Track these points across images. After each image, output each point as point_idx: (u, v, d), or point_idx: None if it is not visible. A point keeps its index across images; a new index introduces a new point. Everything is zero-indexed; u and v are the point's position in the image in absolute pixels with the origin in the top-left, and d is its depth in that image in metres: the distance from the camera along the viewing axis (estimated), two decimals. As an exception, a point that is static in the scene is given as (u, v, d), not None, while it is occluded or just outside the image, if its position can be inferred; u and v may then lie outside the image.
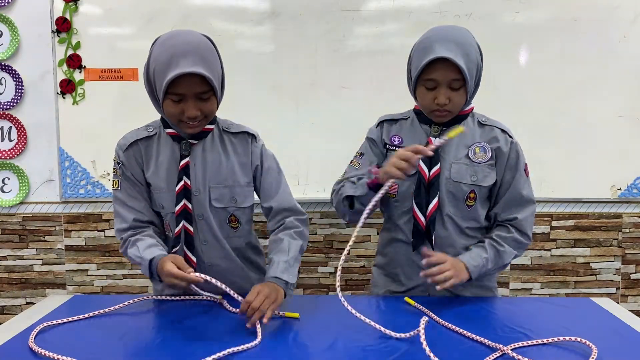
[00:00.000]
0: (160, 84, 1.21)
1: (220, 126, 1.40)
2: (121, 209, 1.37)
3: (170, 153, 1.35)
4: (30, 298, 2.35)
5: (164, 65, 1.20)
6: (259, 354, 1.05)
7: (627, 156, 2.25)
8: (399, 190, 1.44)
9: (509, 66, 2.20)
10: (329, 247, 2.34)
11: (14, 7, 2.18)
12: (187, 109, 1.24)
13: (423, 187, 1.39)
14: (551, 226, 2.32)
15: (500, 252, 1.40)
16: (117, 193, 1.38)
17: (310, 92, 2.22)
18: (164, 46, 1.22)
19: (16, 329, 1.17)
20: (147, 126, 1.39)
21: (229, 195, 1.37)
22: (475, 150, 1.41)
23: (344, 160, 1.57)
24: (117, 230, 1.38)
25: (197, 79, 1.20)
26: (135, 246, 1.31)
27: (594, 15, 2.18)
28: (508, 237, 1.42)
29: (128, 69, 2.20)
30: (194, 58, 1.19)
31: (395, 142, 1.47)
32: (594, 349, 1.04)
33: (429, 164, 1.39)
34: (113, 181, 1.39)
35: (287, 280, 1.27)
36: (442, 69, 1.30)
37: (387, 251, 1.52)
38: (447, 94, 1.32)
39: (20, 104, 2.22)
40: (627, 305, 2.34)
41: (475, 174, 1.40)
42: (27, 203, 2.29)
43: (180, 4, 2.17)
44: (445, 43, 1.28)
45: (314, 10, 2.18)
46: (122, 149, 1.37)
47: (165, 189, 1.35)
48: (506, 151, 1.42)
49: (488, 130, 1.44)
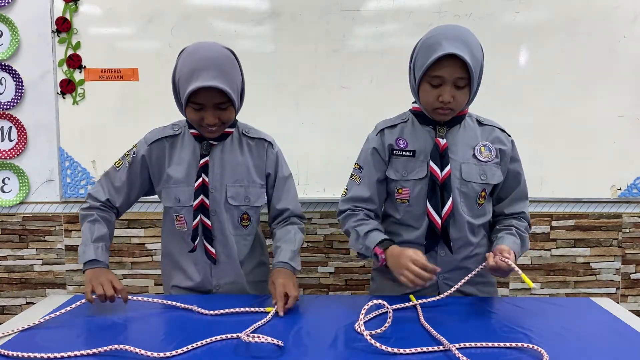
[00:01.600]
0: (183, 93, 1.34)
1: (240, 130, 1.51)
2: (107, 184, 1.49)
3: (192, 151, 1.46)
4: (30, 298, 2.35)
5: (186, 76, 1.32)
6: (259, 354, 1.05)
7: (627, 156, 2.25)
8: (411, 195, 1.44)
9: (509, 66, 2.20)
10: (329, 247, 2.34)
11: (14, 7, 2.18)
12: (206, 117, 1.36)
13: (437, 189, 1.39)
14: (551, 226, 2.32)
15: (524, 239, 1.46)
16: (113, 171, 1.49)
17: (310, 92, 2.22)
18: (188, 59, 1.34)
19: (16, 329, 1.17)
20: (174, 125, 1.50)
21: (243, 194, 1.47)
22: (481, 149, 1.43)
23: (344, 160, 1.57)
24: (91, 195, 1.49)
25: (216, 91, 1.31)
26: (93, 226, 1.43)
27: (594, 15, 2.18)
28: (522, 227, 1.47)
29: (128, 69, 2.20)
30: (214, 72, 1.30)
31: (401, 146, 1.45)
32: (545, 355, 1.02)
33: (440, 165, 1.40)
34: (118, 161, 1.49)
35: (294, 267, 1.42)
36: (449, 66, 1.30)
37: None
38: (451, 92, 1.33)
39: (20, 104, 2.22)
40: (627, 305, 2.34)
41: (484, 172, 1.42)
42: (27, 203, 2.29)
43: (180, 4, 2.17)
44: (452, 41, 1.29)
45: (314, 10, 2.18)
46: (148, 142, 1.47)
47: (184, 184, 1.45)
48: (508, 150, 1.46)
49: (489, 130, 1.47)
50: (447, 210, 1.39)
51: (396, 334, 1.14)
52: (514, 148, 1.48)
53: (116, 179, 1.48)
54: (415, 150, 1.44)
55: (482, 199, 1.44)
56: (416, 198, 1.43)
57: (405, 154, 1.44)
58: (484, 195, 1.44)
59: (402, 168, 1.44)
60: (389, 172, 1.47)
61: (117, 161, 1.49)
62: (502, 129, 1.48)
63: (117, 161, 1.49)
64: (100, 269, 1.38)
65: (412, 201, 1.44)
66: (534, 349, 1.05)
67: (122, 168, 1.47)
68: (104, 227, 1.45)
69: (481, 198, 1.44)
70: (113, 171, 1.49)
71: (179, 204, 1.46)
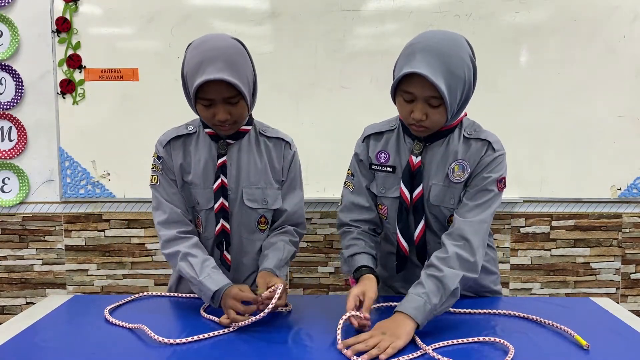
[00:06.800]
0: (191, 88, 1.25)
1: (257, 128, 1.43)
2: (161, 203, 1.37)
3: (207, 151, 1.37)
4: (30, 298, 2.35)
5: (193, 70, 1.23)
6: (259, 354, 1.06)
7: (627, 156, 2.25)
8: (388, 214, 1.37)
9: (509, 66, 2.20)
10: (329, 247, 2.34)
11: (14, 7, 2.18)
12: (217, 113, 1.27)
13: (405, 212, 1.30)
14: (551, 226, 2.32)
15: (441, 280, 1.16)
16: (156, 188, 1.38)
17: (310, 92, 2.22)
18: (195, 51, 1.25)
19: (16, 329, 1.16)
20: (188, 124, 1.41)
21: (260, 196, 1.40)
22: (454, 168, 1.28)
23: (344, 160, 1.56)
24: (159, 223, 1.37)
25: (224, 85, 1.22)
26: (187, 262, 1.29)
27: (594, 15, 2.18)
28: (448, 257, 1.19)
29: (128, 69, 2.20)
30: (221, 64, 1.21)
31: (381, 161, 1.36)
32: (510, 348, 1.04)
33: (410, 186, 1.29)
34: (152, 177, 1.39)
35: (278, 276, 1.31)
36: (419, 84, 1.15)
37: (386, 262, 1.46)
38: (424, 110, 1.18)
39: (20, 104, 2.22)
40: (627, 305, 2.34)
41: (454, 196, 1.28)
42: (27, 203, 2.29)
43: (180, 4, 2.17)
44: (427, 55, 1.14)
45: (314, 10, 2.18)
46: (162, 144, 1.39)
47: (201, 186, 1.37)
48: (481, 163, 1.26)
49: (472, 144, 1.28)
50: (419, 233, 1.30)
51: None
52: (493, 163, 1.25)
53: (164, 193, 1.37)
54: (395, 166, 1.33)
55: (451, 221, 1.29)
56: (392, 217, 1.35)
57: (384, 169, 1.35)
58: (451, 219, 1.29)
59: (381, 184, 1.36)
60: (372, 185, 1.39)
61: (152, 177, 1.39)
62: (490, 141, 1.27)
63: (151, 177, 1.39)
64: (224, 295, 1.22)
65: (389, 219, 1.37)
66: (502, 343, 1.08)
67: (159, 180, 1.37)
68: (196, 253, 1.31)
69: (450, 221, 1.30)
70: (155, 188, 1.38)
71: (198, 206, 1.38)
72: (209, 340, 1.11)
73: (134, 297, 1.38)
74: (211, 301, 1.24)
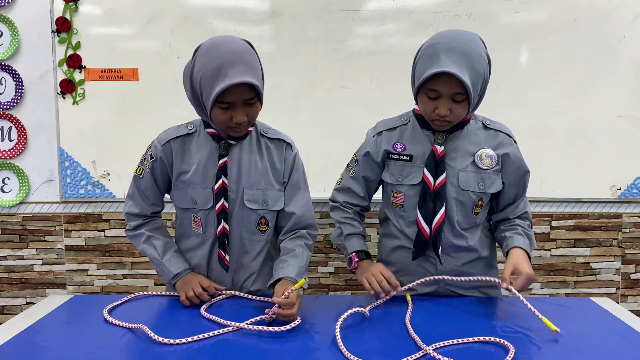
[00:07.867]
0: (208, 93, 1.23)
1: (258, 129, 1.43)
2: (136, 195, 1.44)
3: (208, 151, 1.38)
4: (30, 298, 2.35)
5: (212, 75, 1.21)
6: (259, 354, 1.06)
7: (627, 156, 2.25)
8: (405, 200, 1.42)
9: (509, 66, 2.20)
10: (329, 247, 2.34)
11: (14, 7, 2.18)
12: (235, 116, 1.27)
13: (429, 197, 1.37)
14: (551, 226, 2.32)
15: (530, 237, 1.44)
16: (137, 180, 1.44)
17: (310, 92, 2.22)
18: (210, 55, 1.23)
19: (16, 329, 1.17)
20: (188, 124, 1.42)
21: (261, 198, 1.40)
22: (482, 156, 1.39)
23: (344, 160, 1.57)
24: (127, 213, 1.46)
25: (246, 87, 1.23)
26: (151, 244, 1.43)
27: (593, 15, 2.18)
28: (526, 225, 1.46)
29: (128, 69, 2.20)
30: (243, 67, 1.21)
31: (398, 150, 1.43)
32: (511, 348, 1.05)
33: (434, 172, 1.36)
34: (138, 168, 1.43)
35: None
36: (446, 82, 1.25)
37: (392, 259, 1.49)
38: (448, 106, 1.29)
39: (20, 104, 2.22)
40: (627, 305, 2.34)
41: (482, 181, 1.39)
42: (27, 203, 2.29)
43: (180, 4, 2.17)
44: (452, 54, 1.23)
45: (314, 10, 2.18)
46: (161, 143, 1.39)
47: (200, 186, 1.38)
48: (512, 156, 1.41)
49: (493, 134, 1.42)
50: (439, 219, 1.36)
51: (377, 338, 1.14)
52: (518, 153, 1.42)
53: (143, 187, 1.42)
54: (412, 155, 1.41)
55: (479, 207, 1.41)
56: (410, 204, 1.41)
57: (401, 157, 1.42)
58: (480, 205, 1.41)
59: (398, 172, 1.43)
60: (385, 175, 1.46)
61: (137, 168, 1.43)
62: (509, 134, 1.43)
63: (137, 168, 1.43)
64: (184, 277, 1.37)
65: (406, 207, 1.42)
66: (502, 343, 1.08)
67: (144, 175, 1.41)
68: (160, 237, 1.43)
69: (478, 207, 1.41)
70: (137, 180, 1.43)
71: (195, 206, 1.39)
72: (209, 340, 1.11)
73: (132, 297, 1.39)
74: (171, 280, 1.38)
